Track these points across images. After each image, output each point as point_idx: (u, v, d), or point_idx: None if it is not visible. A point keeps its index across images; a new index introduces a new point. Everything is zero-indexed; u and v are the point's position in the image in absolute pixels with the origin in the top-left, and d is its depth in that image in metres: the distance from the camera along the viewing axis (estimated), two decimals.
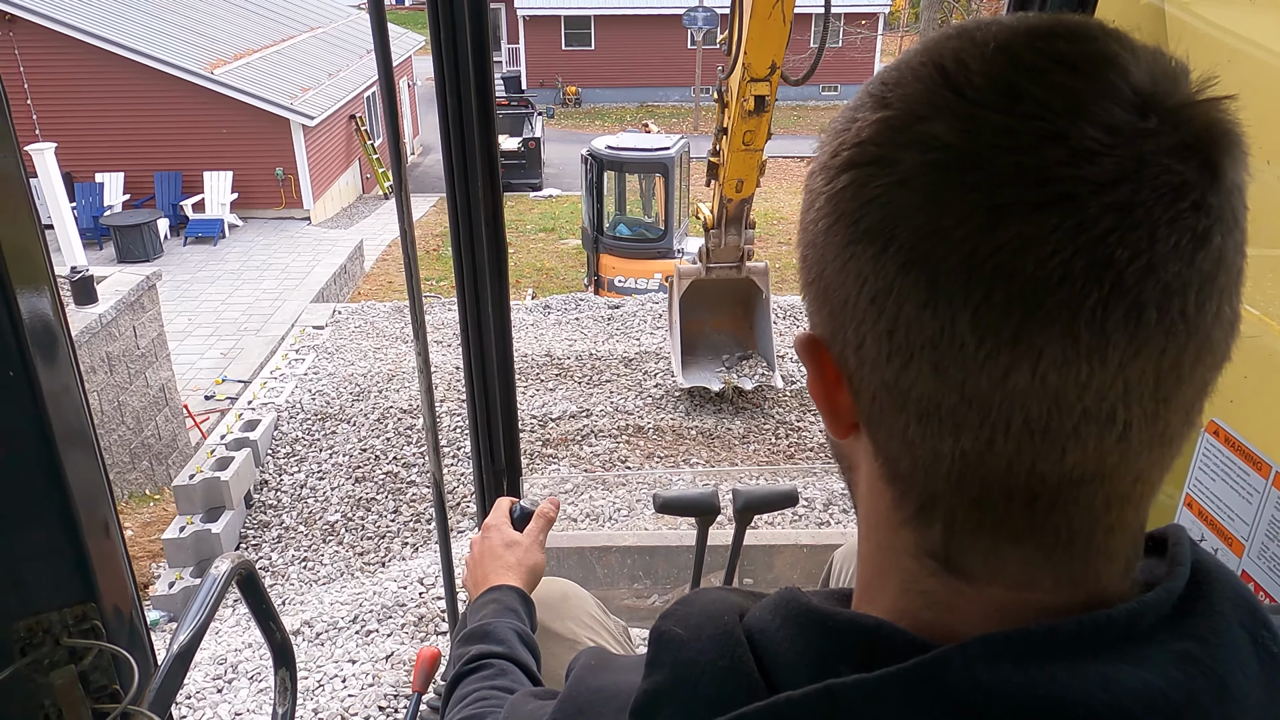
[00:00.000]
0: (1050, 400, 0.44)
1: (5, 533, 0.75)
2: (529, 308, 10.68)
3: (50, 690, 0.80)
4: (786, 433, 7.75)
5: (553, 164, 22.15)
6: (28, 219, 0.70)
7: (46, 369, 0.72)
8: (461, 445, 7.48)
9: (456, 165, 1.54)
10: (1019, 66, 0.45)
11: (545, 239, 17.54)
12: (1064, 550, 0.49)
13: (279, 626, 1.24)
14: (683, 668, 0.55)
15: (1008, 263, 0.42)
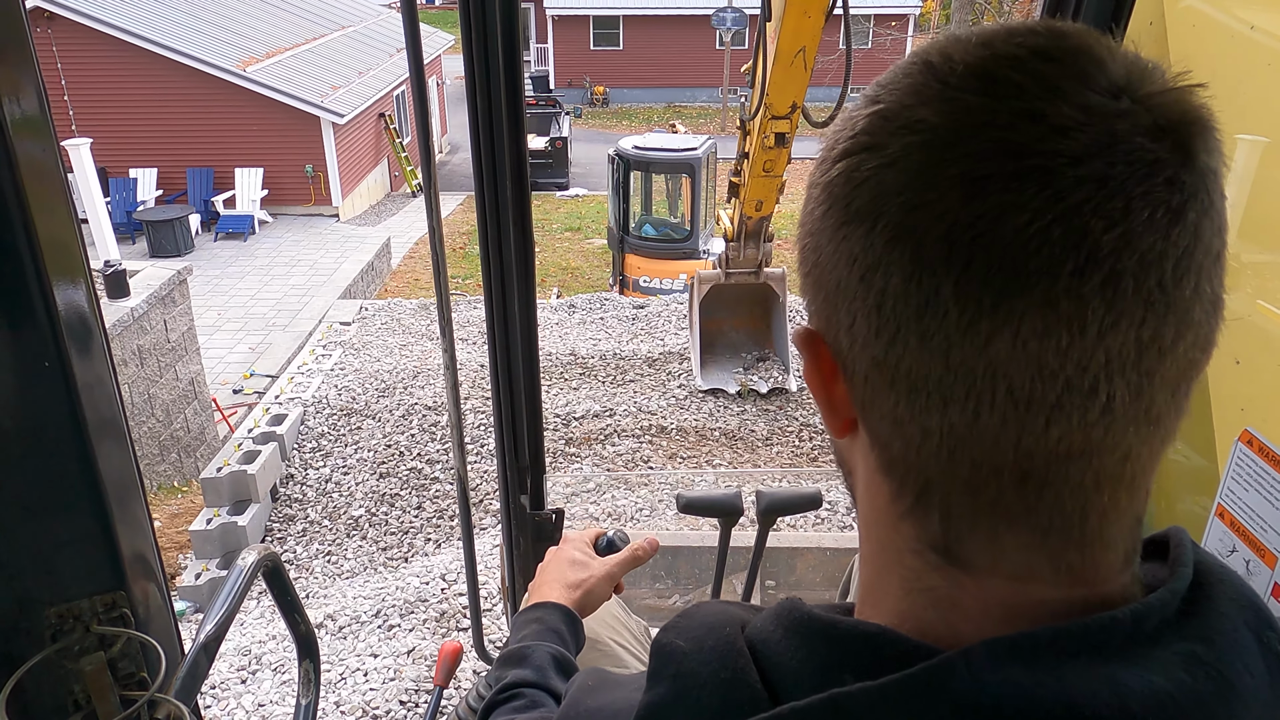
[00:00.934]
0: (1032, 369, 0.45)
1: (38, 521, 0.76)
2: (554, 306, 10.71)
3: (80, 676, 0.81)
4: (810, 435, 7.72)
5: (579, 164, 22.20)
6: (65, 213, 0.71)
7: (81, 361, 0.73)
8: (486, 442, 7.52)
9: (485, 165, 1.54)
10: (998, 56, 0.47)
11: (571, 238, 17.58)
12: (1059, 535, 0.49)
13: (303, 618, 1.25)
14: (684, 680, 0.55)
15: (987, 231, 0.44)
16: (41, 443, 0.74)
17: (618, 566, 1.26)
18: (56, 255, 0.69)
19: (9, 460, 0.73)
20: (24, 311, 0.70)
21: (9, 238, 0.67)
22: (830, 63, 6.60)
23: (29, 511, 0.75)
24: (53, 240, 0.69)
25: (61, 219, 0.70)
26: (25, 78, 0.65)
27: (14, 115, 0.65)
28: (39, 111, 0.67)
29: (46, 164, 0.68)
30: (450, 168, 22.98)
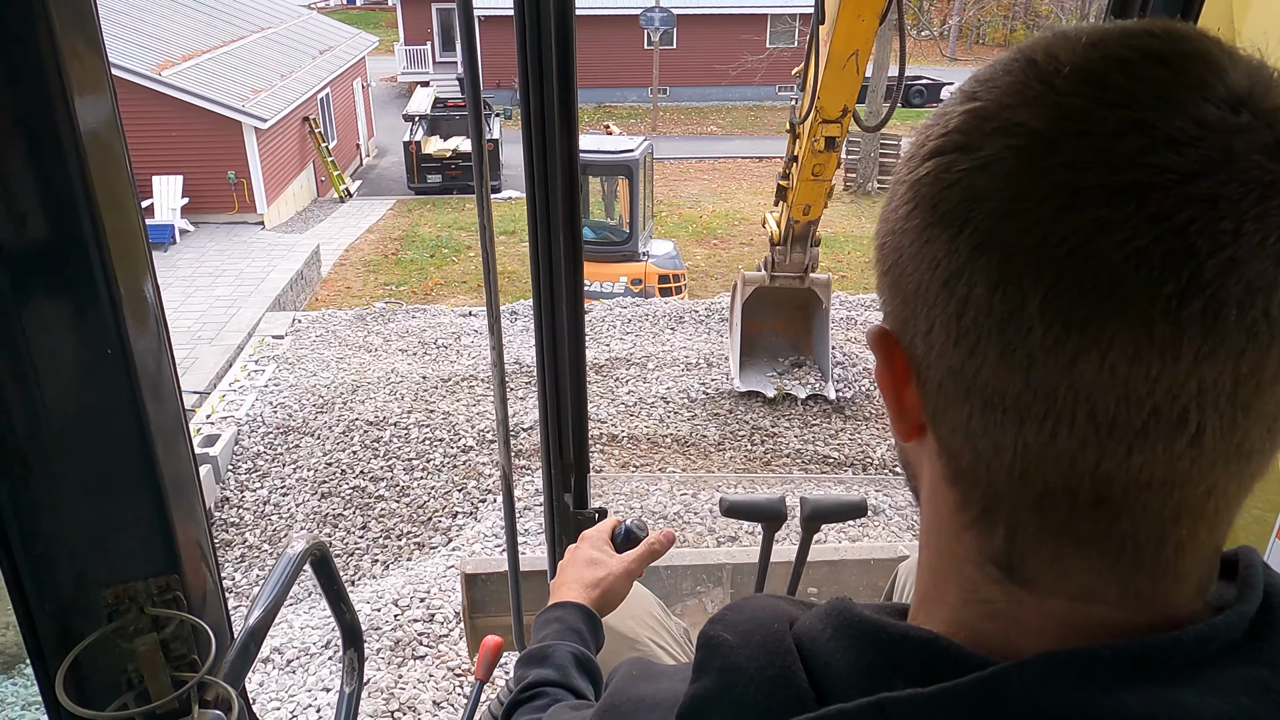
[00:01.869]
0: (1118, 393, 0.43)
1: (98, 503, 0.82)
2: None
3: (134, 656, 0.86)
4: (761, 439, 7.86)
5: (511, 166, 22.18)
6: (131, 206, 0.77)
7: (142, 349, 0.79)
8: (431, 458, 7.50)
9: (537, 167, 1.59)
10: (1110, 59, 0.45)
11: (506, 242, 17.55)
12: (1130, 563, 0.48)
13: (349, 608, 1.30)
14: (730, 674, 0.55)
15: (1081, 246, 0.43)
16: (102, 428, 0.79)
17: (635, 563, 1.28)
18: (122, 247, 0.75)
19: (71, 444, 0.79)
20: (89, 300, 0.75)
21: (77, 230, 0.73)
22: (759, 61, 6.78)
23: (89, 494, 0.81)
24: (118, 232, 0.75)
25: (128, 212, 0.76)
26: (97, 76, 0.71)
27: (86, 112, 0.71)
28: (110, 109, 0.73)
29: (115, 158, 0.74)
30: (378, 172, 22.78)
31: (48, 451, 0.78)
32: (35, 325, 0.74)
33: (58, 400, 0.77)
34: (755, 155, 24.05)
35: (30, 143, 0.70)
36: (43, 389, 0.76)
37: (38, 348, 0.75)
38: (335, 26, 26.45)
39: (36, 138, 0.70)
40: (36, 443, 0.78)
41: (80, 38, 0.69)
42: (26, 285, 0.73)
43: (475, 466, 7.40)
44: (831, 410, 8.07)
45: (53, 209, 0.72)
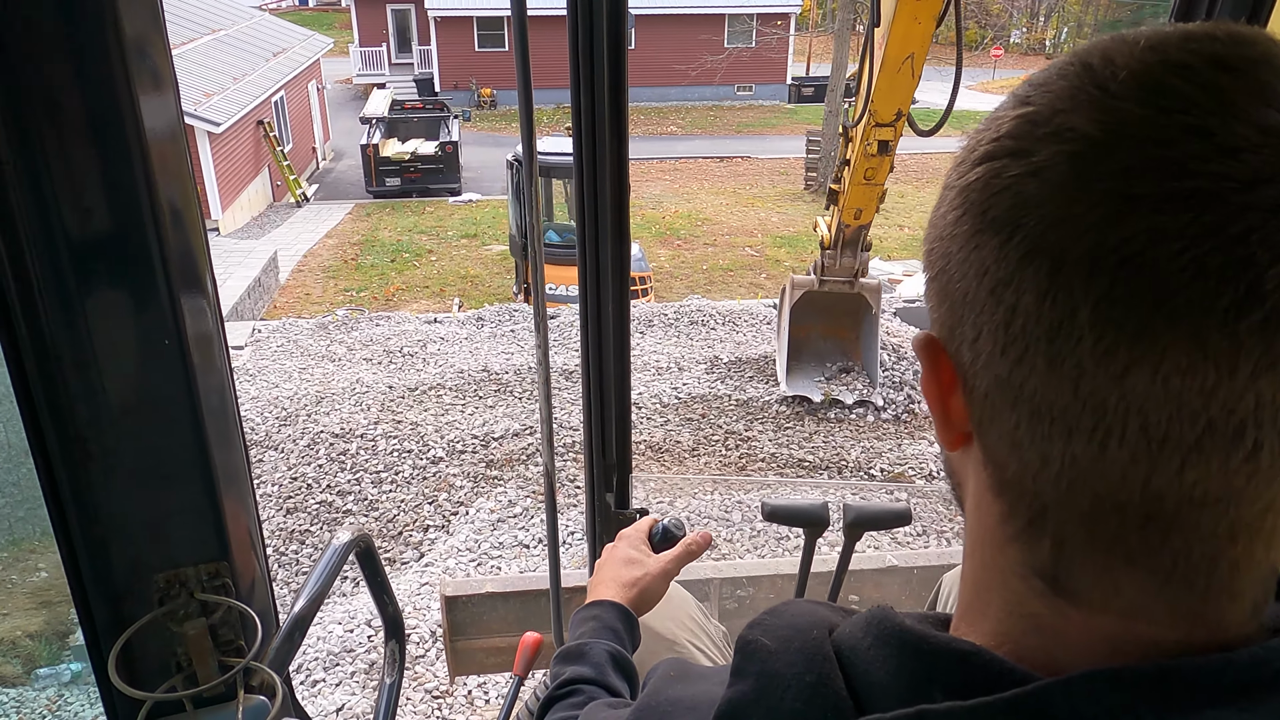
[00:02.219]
0: (1172, 407, 0.43)
1: (152, 490, 0.86)
2: (461, 320, 10.72)
3: (183, 640, 0.91)
4: (736, 444, 7.94)
5: (471, 168, 22.22)
6: (193, 205, 0.82)
7: (198, 342, 0.84)
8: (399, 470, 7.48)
9: (586, 168, 1.64)
10: (1169, 64, 0.45)
11: (468, 245, 17.56)
12: (1182, 581, 0.47)
13: (391, 600, 1.34)
14: (768, 679, 0.56)
15: (1136, 255, 0.42)
16: (159, 417, 0.84)
17: (672, 563, 1.30)
18: (181, 241, 0.80)
19: (129, 432, 0.83)
20: (149, 292, 0.80)
21: (139, 225, 0.78)
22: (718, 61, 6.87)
23: (144, 481, 0.85)
24: (178, 228, 0.80)
25: (188, 208, 0.81)
26: (162, 76, 0.76)
27: (150, 111, 0.75)
28: (173, 108, 0.77)
29: (177, 155, 0.79)
30: (336, 175, 22.67)
31: (106, 438, 0.83)
32: (97, 315, 0.79)
33: (117, 388, 0.81)
34: (716, 155, 24.27)
35: (97, 140, 0.74)
36: (103, 377, 0.81)
37: (99, 337, 0.79)
38: (288, 28, 26.25)
39: (103, 135, 0.74)
40: (96, 429, 0.82)
41: (147, 40, 0.74)
42: (90, 276, 0.78)
43: (445, 478, 7.39)
44: (805, 414, 8.17)
45: (117, 204, 0.76)
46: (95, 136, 0.74)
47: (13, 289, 0.76)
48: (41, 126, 0.72)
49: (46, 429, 0.81)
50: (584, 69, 1.55)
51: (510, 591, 3.64)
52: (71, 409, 0.81)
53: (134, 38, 0.73)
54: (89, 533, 0.85)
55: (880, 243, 18.22)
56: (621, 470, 1.96)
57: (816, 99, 30.25)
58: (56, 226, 0.75)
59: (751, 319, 10.51)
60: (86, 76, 0.73)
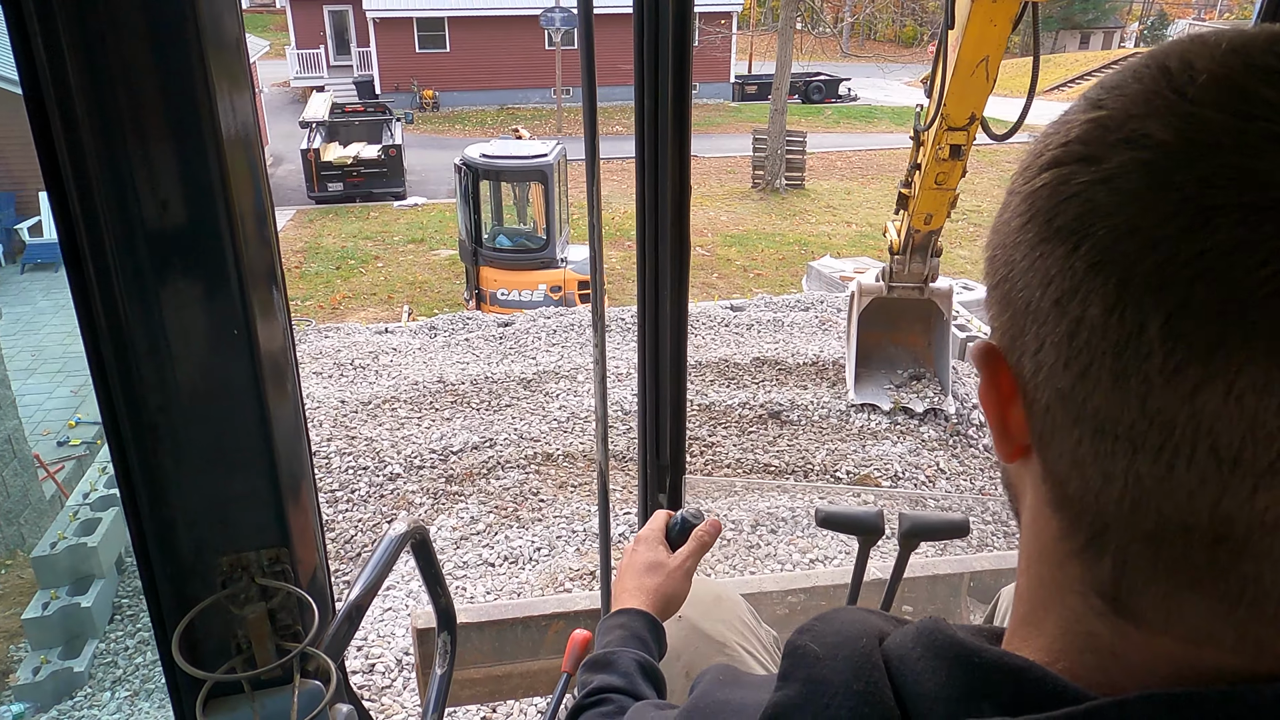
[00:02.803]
0: (1245, 428, 0.42)
1: (218, 475, 0.92)
2: (413, 329, 10.69)
3: (243, 622, 0.96)
4: (700, 450, 8.01)
5: (415, 171, 22.14)
6: (262, 196, 0.88)
7: (265, 330, 0.89)
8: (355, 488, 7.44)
9: (648, 167, 1.68)
10: (1252, 68, 0.45)
11: (415, 250, 17.51)
12: (1251, 608, 0.46)
13: (444, 591, 1.39)
14: (816, 685, 0.56)
15: (1211, 269, 0.42)
16: (226, 404, 0.90)
17: (690, 559, 1.36)
18: (252, 235, 0.86)
19: (197, 417, 0.89)
20: (220, 283, 0.86)
21: (213, 218, 0.84)
22: None
23: (211, 466, 0.91)
24: (249, 222, 0.86)
25: (259, 204, 0.87)
26: (238, 74, 0.82)
27: (226, 108, 0.82)
28: (248, 106, 0.84)
29: (251, 152, 0.85)
30: (275, 181, 22.38)
31: (175, 424, 0.88)
32: (171, 304, 0.84)
33: (187, 376, 0.87)
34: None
35: (176, 136, 0.80)
36: (175, 364, 0.86)
37: (172, 325, 0.85)
38: None
39: (182, 132, 0.80)
40: (166, 415, 0.88)
41: (226, 41, 0.80)
42: (165, 266, 0.83)
43: (404, 495, 7.37)
44: (768, 417, 8.29)
45: (193, 198, 0.82)
46: (174, 132, 0.80)
47: (93, 278, 0.82)
48: (124, 121, 0.78)
49: (120, 414, 0.86)
50: (648, 68, 1.59)
51: (485, 621, 3.65)
52: (144, 395, 0.86)
53: (214, 38, 0.79)
54: (157, 515, 0.90)
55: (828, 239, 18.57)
56: (675, 471, 2.01)
57: (760, 97, 30.70)
58: (135, 218, 0.81)
59: (709, 321, 10.63)
60: (169, 74, 0.78)
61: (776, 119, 21.73)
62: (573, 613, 3.79)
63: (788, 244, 18.45)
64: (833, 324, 10.64)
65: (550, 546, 6.42)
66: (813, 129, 26.43)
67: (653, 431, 1.98)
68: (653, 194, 1.73)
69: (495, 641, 3.72)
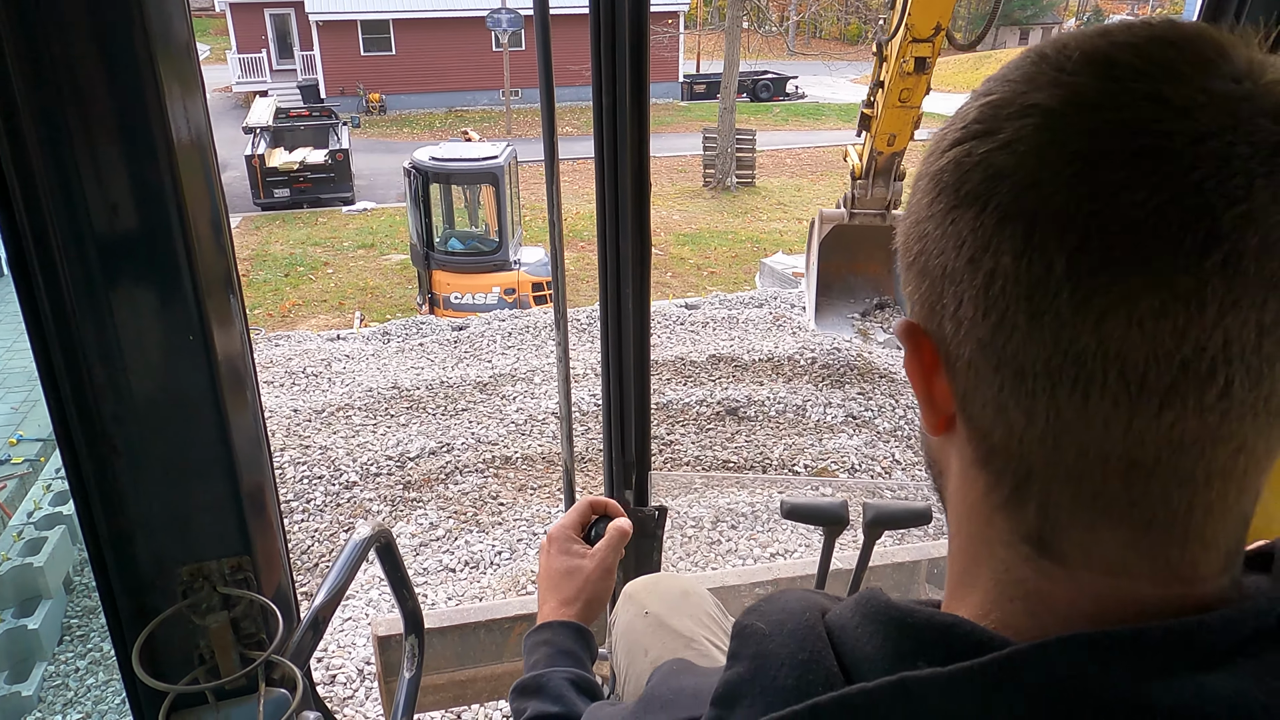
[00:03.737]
0: (1147, 350, 0.46)
1: (177, 484, 0.90)
2: (366, 336, 10.58)
3: (205, 633, 0.95)
4: (660, 448, 8.03)
5: (363, 175, 21.93)
6: (216, 199, 0.86)
7: (222, 336, 0.88)
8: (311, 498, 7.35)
9: (608, 168, 1.68)
10: (1116, 44, 0.51)
11: (366, 255, 17.34)
12: (1161, 529, 0.51)
13: (411, 594, 1.38)
14: (763, 659, 0.59)
15: (1103, 209, 0.46)
16: (184, 411, 0.88)
17: (608, 554, 1.31)
18: (205, 238, 0.85)
19: (154, 426, 0.88)
20: (173, 288, 0.85)
21: (165, 222, 0.83)
22: None
23: (169, 475, 0.90)
24: (203, 225, 0.85)
25: (212, 206, 0.86)
26: (189, 78, 0.81)
27: (177, 112, 0.80)
28: (200, 109, 0.82)
29: (203, 155, 0.84)
30: None
31: (131, 433, 0.87)
32: (124, 311, 0.83)
33: (142, 383, 0.86)
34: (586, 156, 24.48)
35: (125, 140, 0.79)
36: (129, 372, 0.85)
37: (125, 333, 0.84)
38: None
39: (131, 135, 0.79)
40: (121, 424, 0.86)
41: (175, 43, 0.79)
42: (117, 273, 0.82)
43: (361, 503, 7.29)
44: (725, 414, 8.32)
45: (144, 203, 0.81)
46: (124, 136, 0.79)
47: (41, 286, 0.80)
48: (71, 125, 0.77)
49: (73, 424, 0.84)
50: (605, 68, 1.60)
51: (447, 626, 3.62)
52: (97, 404, 0.85)
53: (162, 40, 0.78)
54: (114, 526, 0.89)
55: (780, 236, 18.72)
56: (641, 468, 2.01)
57: (709, 96, 30.87)
58: (85, 224, 0.79)
59: (664, 320, 10.65)
60: (116, 77, 0.77)
61: (726, 117, 21.85)
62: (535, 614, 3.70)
63: (740, 241, 18.55)
64: (787, 320, 10.72)
65: (511, 550, 6.39)
66: (762, 127, 26.61)
67: (618, 428, 1.98)
68: (613, 193, 1.73)
69: (459, 646, 3.70)
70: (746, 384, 8.77)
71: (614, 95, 1.61)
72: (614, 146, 1.68)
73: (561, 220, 1.90)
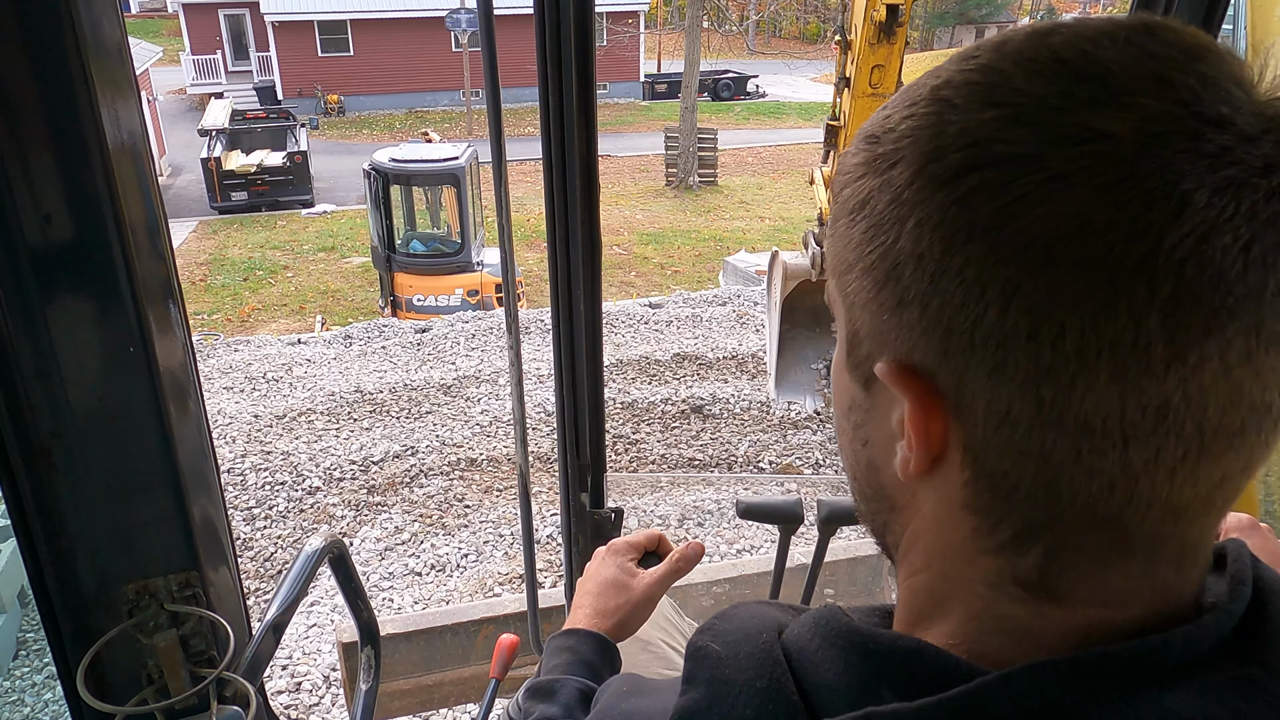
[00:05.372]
0: (1225, 398, 0.45)
1: (119, 500, 0.88)
2: (327, 340, 10.47)
3: (154, 651, 0.92)
4: (624, 448, 8.03)
5: (323, 178, 21.73)
6: (154, 205, 0.84)
7: (164, 347, 0.86)
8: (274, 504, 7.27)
9: (555, 166, 1.66)
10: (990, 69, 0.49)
11: (326, 258, 17.17)
12: (1169, 559, 0.50)
13: (366, 605, 1.35)
14: (720, 685, 0.57)
15: (1189, 255, 0.43)
16: (125, 425, 0.86)
17: (658, 586, 1.26)
18: (144, 247, 0.82)
19: (94, 441, 0.85)
20: (111, 299, 0.82)
21: (101, 231, 0.80)
22: None
23: (111, 491, 0.87)
24: (141, 233, 0.82)
25: (151, 214, 0.83)
26: (122, 81, 0.79)
27: (111, 116, 0.78)
28: (135, 113, 0.80)
29: (139, 161, 0.81)
30: (175, 192, 21.73)
31: (70, 448, 0.84)
32: (60, 324, 0.80)
33: (81, 397, 0.83)
34: None
35: (57, 145, 0.76)
36: (66, 386, 0.82)
37: (61, 345, 0.81)
38: None
39: (63, 140, 0.76)
40: (60, 439, 0.83)
41: (107, 45, 0.77)
42: (51, 284, 0.79)
43: (324, 509, 7.22)
44: (690, 412, 8.34)
45: (78, 210, 0.78)
46: (55, 142, 0.76)
47: None
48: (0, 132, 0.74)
49: (8, 439, 0.81)
50: (552, 68, 1.58)
51: (413, 631, 3.59)
52: (34, 419, 0.82)
53: (94, 43, 0.75)
54: (54, 545, 0.86)
55: (743, 234, 18.79)
56: (596, 470, 2.00)
57: (670, 95, 30.92)
58: (15, 233, 0.76)
59: (629, 319, 10.66)
60: (45, 81, 0.74)
61: (687, 117, 21.89)
62: (502, 616, 3.75)
63: (703, 240, 18.59)
64: (750, 318, 10.75)
65: (478, 552, 6.36)
66: (723, 126, 26.70)
67: (572, 430, 1.97)
68: (562, 194, 1.72)
69: (424, 650, 3.67)
70: (711, 382, 8.80)
71: (560, 94, 1.59)
72: (562, 147, 1.66)
73: (511, 222, 1.88)
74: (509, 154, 1.87)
